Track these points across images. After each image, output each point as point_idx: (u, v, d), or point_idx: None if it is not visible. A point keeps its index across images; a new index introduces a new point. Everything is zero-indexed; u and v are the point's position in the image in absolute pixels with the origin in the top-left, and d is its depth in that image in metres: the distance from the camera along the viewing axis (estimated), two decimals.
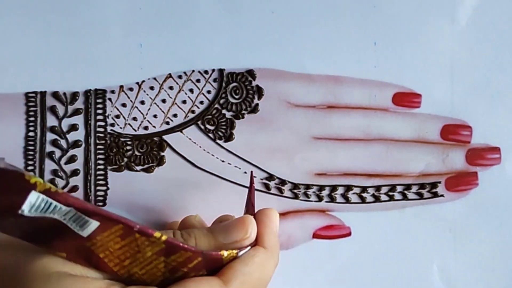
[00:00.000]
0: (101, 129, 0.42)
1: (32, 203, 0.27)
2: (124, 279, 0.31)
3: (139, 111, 0.42)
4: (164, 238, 0.30)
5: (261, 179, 0.42)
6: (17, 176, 0.27)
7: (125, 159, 0.42)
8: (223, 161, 0.42)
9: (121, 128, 0.42)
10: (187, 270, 0.32)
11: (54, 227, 0.29)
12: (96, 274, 0.31)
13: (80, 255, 0.30)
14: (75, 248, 0.30)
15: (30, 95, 0.42)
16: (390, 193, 0.42)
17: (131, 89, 0.42)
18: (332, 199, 0.42)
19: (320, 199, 0.42)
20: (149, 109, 0.42)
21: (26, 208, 0.27)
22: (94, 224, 0.29)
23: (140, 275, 0.31)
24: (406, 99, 0.42)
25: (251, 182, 0.38)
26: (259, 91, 0.42)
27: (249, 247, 0.34)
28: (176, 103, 0.42)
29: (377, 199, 0.42)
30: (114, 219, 0.30)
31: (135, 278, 0.31)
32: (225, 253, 0.33)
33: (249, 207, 0.37)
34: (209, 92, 0.42)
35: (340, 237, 0.42)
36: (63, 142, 0.42)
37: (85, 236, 0.29)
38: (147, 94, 0.42)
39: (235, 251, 0.33)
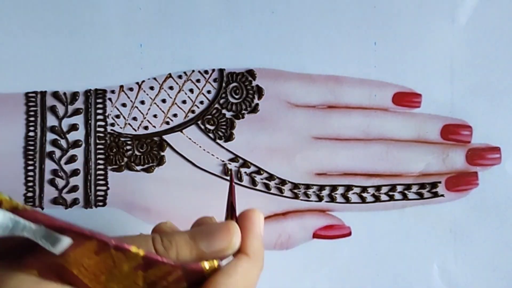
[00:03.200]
0: (101, 129, 0.42)
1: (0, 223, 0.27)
2: None
3: (139, 111, 0.42)
4: (142, 253, 0.29)
5: (261, 179, 0.42)
6: None
7: (125, 159, 0.42)
8: (223, 161, 0.42)
9: (121, 128, 0.42)
10: (167, 284, 0.30)
11: (24, 245, 0.28)
12: None
13: (52, 271, 0.29)
14: (47, 265, 0.29)
15: (30, 95, 0.42)
16: (390, 193, 0.42)
17: (131, 89, 0.42)
18: (332, 199, 0.42)
19: (320, 199, 0.42)
20: (149, 109, 0.42)
21: None
22: (66, 241, 0.28)
23: None
24: (406, 99, 0.42)
25: (231, 181, 0.36)
26: (259, 91, 0.42)
27: (232, 256, 0.32)
28: (176, 103, 0.42)
29: (377, 199, 0.42)
30: (87, 235, 0.28)
31: None
32: (206, 265, 0.31)
33: (230, 210, 0.35)
34: (209, 92, 0.42)
35: (340, 237, 0.42)
36: (63, 142, 0.42)
37: (57, 254, 0.28)
38: (147, 94, 0.42)
39: (216, 262, 0.31)
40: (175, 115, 0.42)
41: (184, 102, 0.42)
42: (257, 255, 0.32)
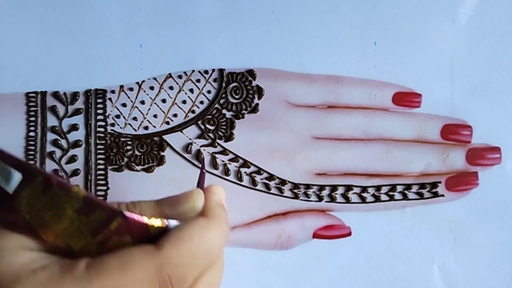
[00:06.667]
0: (102, 129, 0.42)
1: None
2: (54, 248, 0.31)
3: (139, 111, 0.42)
4: (82, 193, 0.30)
5: (261, 179, 0.42)
6: None
7: (125, 159, 0.42)
8: (223, 161, 0.42)
9: (121, 128, 0.42)
10: (108, 232, 0.30)
11: None
12: (33, 245, 0.31)
13: (10, 219, 0.30)
14: (5, 212, 0.30)
15: (30, 95, 0.42)
16: (391, 193, 0.42)
17: (131, 89, 0.42)
18: (332, 199, 0.42)
19: (320, 199, 0.42)
20: (149, 109, 0.42)
21: None
22: (17, 176, 0.30)
23: (63, 237, 0.31)
24: (406, 99, 0.42)
25: (202, 168, 0.38)
26: (259, 91, 0.42)
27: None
28: (176, 103, 0.42)
29: (377, 199, 0.42)
30: (34, 169, 0.30)
31: (59, 242, 0.31)
32: (153, 222, 0.31)
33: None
34: (209, 92, 0.42)
35: (340, 237, 0.42)
36: (63, 142, 0.42)
37: (11, 193, 0.30)
38: (147, 94, 0.42)
39: (165, 222, 0.31)
40: (175, 115, 0.42)
41: (184, 102, 0.42)
42: (217, 218, 0.33)
